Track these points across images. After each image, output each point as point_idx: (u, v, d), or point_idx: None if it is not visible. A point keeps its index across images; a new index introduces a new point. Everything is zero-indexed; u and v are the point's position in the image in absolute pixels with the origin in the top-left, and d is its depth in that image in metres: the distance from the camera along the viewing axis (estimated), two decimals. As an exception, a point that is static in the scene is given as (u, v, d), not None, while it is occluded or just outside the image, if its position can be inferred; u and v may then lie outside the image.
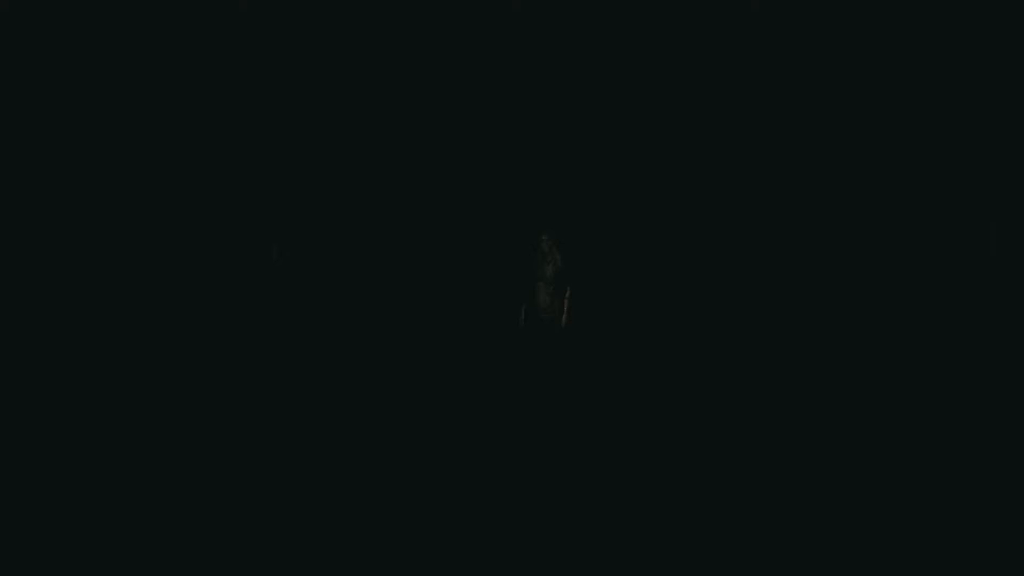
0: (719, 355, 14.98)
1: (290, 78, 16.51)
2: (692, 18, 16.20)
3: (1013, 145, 15.75)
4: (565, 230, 14.13)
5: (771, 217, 16.36)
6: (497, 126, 16.55)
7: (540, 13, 16.22)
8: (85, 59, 16.23)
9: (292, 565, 7.62)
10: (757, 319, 15.94)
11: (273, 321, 16.08)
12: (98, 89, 16.30)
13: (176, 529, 8.24)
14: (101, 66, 16.26)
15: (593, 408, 12.53)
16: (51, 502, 8.74)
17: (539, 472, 9.88)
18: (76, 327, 15.44)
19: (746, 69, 16.27)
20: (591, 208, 16.46)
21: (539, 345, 13.05)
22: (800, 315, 15.97)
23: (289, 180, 16.63)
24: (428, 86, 16.51)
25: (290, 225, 16.60)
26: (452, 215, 16.62)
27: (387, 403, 12.55)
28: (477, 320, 15.77)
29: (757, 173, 16.38)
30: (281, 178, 16.61)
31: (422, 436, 11.11)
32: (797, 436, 11.24)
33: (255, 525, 8.33)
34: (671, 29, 16.20)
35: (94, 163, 16.40)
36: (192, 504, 8.75)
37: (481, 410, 12.34)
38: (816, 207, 16.34)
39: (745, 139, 16.36)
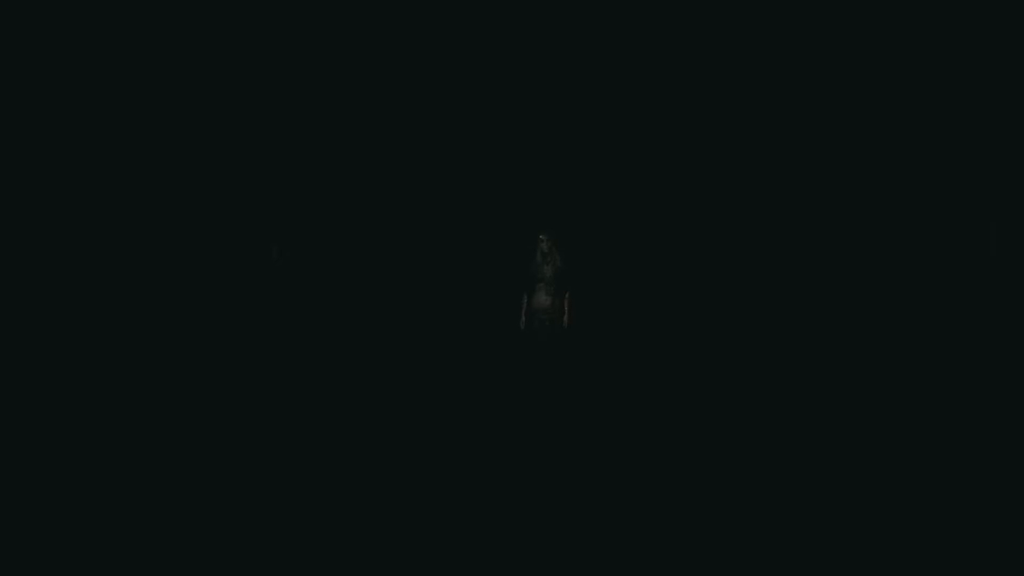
0: (720, 354, 15.00)
1: (291, 79, 16.51)
2: (690, 19, 16.20)
3: (1013, 146, 15.75)
4: (565, 231, 14.15)
5: (771, 218, 16.37)
6: (497, 128, 16.55)
7: (541, 15, 16.23)
8: (86, 59, 16.23)
9: (292, 565, 7.63)
10: (758, 319, 15.95)
11: (273, 320, 16.10)
12: (100, 90, 16.31)
13: (175, 528, 8.26)
14: (103, 67, 16.27)
15: (593, 409, 12.55)
16: (51, 501, 8.77)
17: (540, 472, 9.90)
18: (77, 326, 15.47)
19: (745, 70, 16.27)
20: (590, 209, 16.47)
21: (539, 346, 13.06)
22: (800, 313, 15.98)
23: (289, 181, 16.64)
24: (429, 88, 16.51)
25: (290, 225, 16.61)
26: (452, 216, 16.63)
27: (386, 403, 12.57)
28: (477, 320, 15.78)
29: (757, 174, 16.38)
30: (281, 179, 16.62)
31: (421, 436, 11.13)
32: (797, 435, 11.26)
33: (255, 524, 8.35)
34: (670, 30, 16.21)
35: (95, 164, 16.41)
36: (192, 502, 8.78)
37: (481, 411, 12.36)
38: (816, 206, 16.34)
39: (745, 140, 16.37)
